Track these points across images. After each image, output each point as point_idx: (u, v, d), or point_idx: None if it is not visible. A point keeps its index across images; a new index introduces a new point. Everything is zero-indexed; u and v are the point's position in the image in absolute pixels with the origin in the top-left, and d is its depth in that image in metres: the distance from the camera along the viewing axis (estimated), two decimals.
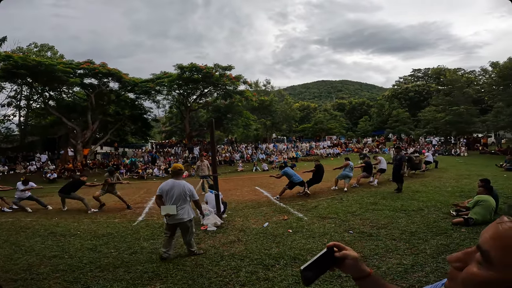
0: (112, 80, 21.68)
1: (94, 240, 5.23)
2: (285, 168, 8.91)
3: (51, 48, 26.58)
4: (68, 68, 18.93)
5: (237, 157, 24.63)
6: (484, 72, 29.12)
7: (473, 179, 9.77)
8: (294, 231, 5.25)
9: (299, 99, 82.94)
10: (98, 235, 5.57)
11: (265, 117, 33.93)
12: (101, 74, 20.46)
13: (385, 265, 3.43)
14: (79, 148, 20.68)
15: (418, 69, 52.60)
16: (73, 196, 8.05)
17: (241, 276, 3.57)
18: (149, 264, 4.08)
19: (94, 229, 6.01)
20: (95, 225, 6.40)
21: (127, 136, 28.36)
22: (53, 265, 4.10)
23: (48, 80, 18.90)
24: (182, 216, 4.19)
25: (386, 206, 6.72)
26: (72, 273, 3.86)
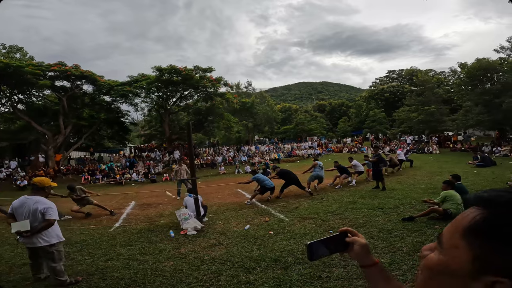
0: (86, 83, 20.87)
1: (67, 248, 4.96)
2: (256, 174, 8.83)
3: (20, 50, 25.32)
4: (38, 70, 17.98)
5: (219, 160, 24.43)
6: (453, 73, 30.77)
7: (444, 176, 10.20)
8: (276, 232, 5.26)
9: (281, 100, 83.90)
10: (71, 242, 5.32)
11: (247, 119, 33.89)
12: (74, 77, 19.60)
13: None
14: (51, 154, 19.68)
15: (392, 70, 54.62)
16: None
17: (222, 280, 3.52)
18: (125, 270, 3.94)
19: (67, 237, 5.67)
20: (68, 232, 6.09)
21: (103, 140, 27.39)
22: (23, 273, 3.90)
23: (17, 82, 17.95)
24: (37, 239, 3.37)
25: (364, 204, 6.90)
26: (43, 281, 3.67)
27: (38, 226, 3.33)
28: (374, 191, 8.57)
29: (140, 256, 4.44)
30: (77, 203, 7.80)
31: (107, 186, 16.91)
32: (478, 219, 0.46)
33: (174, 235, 5.42)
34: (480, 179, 9.19)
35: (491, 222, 0.45)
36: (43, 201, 3.45)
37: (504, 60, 22.82)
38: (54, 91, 20.42)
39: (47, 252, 3.45)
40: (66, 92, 20.24)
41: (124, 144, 28.25)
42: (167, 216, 7.12)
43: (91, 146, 26.20)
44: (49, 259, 3.47)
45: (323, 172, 9.88)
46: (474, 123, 22.76)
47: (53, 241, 3.46)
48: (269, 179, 8.67)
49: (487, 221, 0.45)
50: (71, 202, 8.14)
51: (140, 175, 19.05)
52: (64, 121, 20.33)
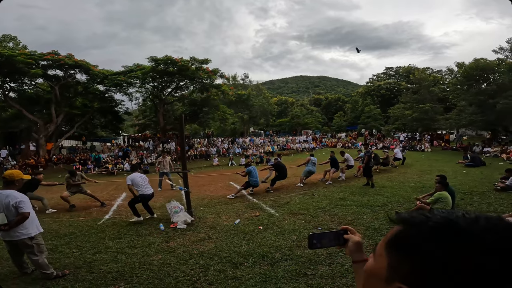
0: (80, 72, 20.68)
1: (55, 240, 4.99)
2: (250, 166, 8.91)
3: (14, 39, 25.08)
4: (30, 59, 17.86)
5: (213, 151, 24.41)
6: (450, 72, 30.93)
7: (434, 174, 10.25)
8: (265, 228, 5.32)
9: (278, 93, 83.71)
10: (60, 234, 5.31)
11: (243, 111, 33.79)
12: (67, 66, 19.44)
13: (348, 263, 3.57)
14: (42, 143, 19.49)
15: (390, 67, 54.84)
16: (31, 196, 7.56)
17: (209, 275, 3.57)
18: (113, 263, 3.96)
19: (56, 229, 5.72)
20: (57, 224, 6.09)
21: (96, 129, 27.18)
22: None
23: (9, 71, 17.79)
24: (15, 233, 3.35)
25: (354, 201, 7.00)
26: (29, 275, 3.67)
27: (13, 220, 3.32)
28: (364, 188, 8.70)
29: (129, 250, 4.46)
30: (70, 189, 7.75)
31: (98, 176, 16.76)
32: (395, 233, 0.54)
33: (164, 228, 5.45)
34: (468, 179, 9.34)
35: (401, 237, 0.52)
36: (14, 194, 3.39)
37: (502, 61, 22.98)
38: (46, 79, 20.24)
39: (27, 246, 3.43)
40: (58, 81, 20.09)
41: (117, 133, 28.03)
42: (158, 209, 7.12)
43: (83, 135, 26.04)
44: (30, 253, 3.47)
45: (315, 168, 10.14)
46: (466, 122, 23.03)
47: (33, 233, 3.46)
48: (257, 177, 8.68)
49: (399, 236, 0.53)
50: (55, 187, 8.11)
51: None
52: (56, 109, 20.16)
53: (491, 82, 22.67)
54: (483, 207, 5.73)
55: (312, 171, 10.04)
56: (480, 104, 21.57)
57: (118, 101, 24.55)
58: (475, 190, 7.49)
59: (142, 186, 5.96)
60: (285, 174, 9.28)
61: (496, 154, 17.07)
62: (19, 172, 3.67)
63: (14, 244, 3.49)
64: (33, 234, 3.46)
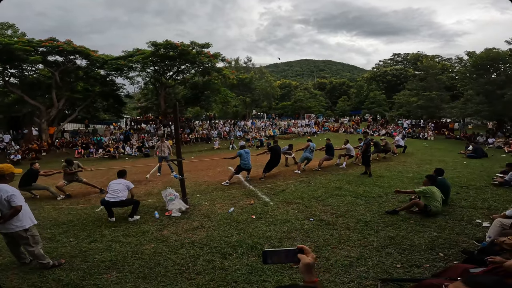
0: (80, 58, 20.80)
1: (54, 229, 5.11)
2: (242, 150, 8.84)
3: (12, 26, 25.16)
4: (28, 46, 17.95)
5: (214, 135, 24.44)
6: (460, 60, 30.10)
7: (434, 165, 10.34)
8: (258, 217, 5.39)
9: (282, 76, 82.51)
10: (59, 223, 5.43)
11: (245, 94, 33.54)
12: (66, 52, 19.52)
13: (334, 257, 3.63)
14: (44, 127, 19.75)
15: (398, 53, 53.52)
16: (36, 187, 7.67)
17: (198, 264, 3.67)
18: (107, 252, 4.07)
19: (55, 217, 5.84)
20: (57, 212, 6.22)
21: (98, 112, 27.47)
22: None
23: (8, 58, 17.99)
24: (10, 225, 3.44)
25: (349, 191, 7.02)
26: (28, 265, 3.78)
27: (7, 213, 3.40)
28: (362, 177, 8.70)
29: (123, 238, 4.56)
30: (66, 178, 7.84)
31: (100, 160, 16.99)
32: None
33: (159, 216, 5.54)
34: (467, 172, 9.25)
35: None
36: (5, 188, 3.44)
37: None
38: (47, 66, 20.41)
39: (22, 238, 3.54)
40: (58, 66, 20.27)
41: (120, 116, 28.22)
42: (155, 195, 7.23)
43: (86, 118, 26.30)
44: (26, 244, 3.57)
45: (312, 155, 10.17)
46: (472, 112, 22.65)
47: (27, 225, 3.55)
48: (248, 160, 8.60)
49: None
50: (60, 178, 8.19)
51: (134, 149, 19.09)
52: (57, 94, 20.35)
53: (501, 73, 22.07)
54: (478, 203, 5.70)
55: (310, 158, 10.08)
56: (488, 94, 21.12)
57: (119, 85, 24.71)
58: (473, 184, 7.44)
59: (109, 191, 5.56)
60: (277, 160, 9.25)
61: (499, 146, 16.84)
62: (10, 165, 3.69)
63: (10, 236, 3.59)
64: (27, 226, 3.55)
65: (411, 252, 3.64)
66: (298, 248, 1.09)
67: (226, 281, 3.24)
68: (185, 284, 3.25)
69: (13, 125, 22.13)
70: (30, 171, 7.61)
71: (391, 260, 3.45)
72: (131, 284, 3.27)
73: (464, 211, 5.21)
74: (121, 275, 3.47)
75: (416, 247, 3.77)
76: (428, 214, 4.96)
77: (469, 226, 4.51)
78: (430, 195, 5.04)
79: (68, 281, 3.40)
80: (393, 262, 3.40)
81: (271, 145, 9.53)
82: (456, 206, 5.53)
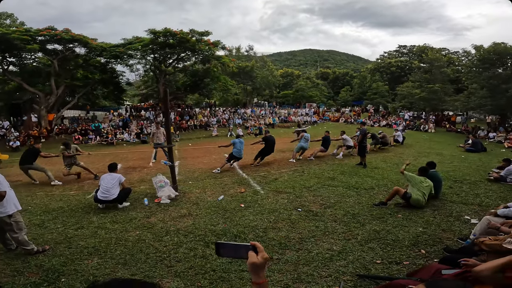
0: (79, 46, 20.91)
1: (43, 215, 5.12)
2: (237, 139, 8.90)
3: (10, 16, 25.42)
4: (26, 35, 18.06)
5: (214, 122, 24.38)
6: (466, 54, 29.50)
7: (431, 157, 10.22)
8: (246, 206, 5.37)
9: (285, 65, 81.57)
10: (49, 209, 5.44)
11: (245, 82, 33.31)
12: (65, 40, 19.67)
13: (316, 250, 3.60)
14: (43, 114, 19.92)
15: (404, 45, 52.31)
16: (36, 167, 7.70)
17: (180, 252, 3.66)
18: (91, 239, 4.07)
19: (46, 203, 5.86)
20: (48, 198, 6.23)
21: (99, 99, 27.67)
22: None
23: (6, 47, 18.26)
24: None
25: (342, 182, 6.97)
26: (14, 251, 3.80)
27: None
28: (356, 168, 8.65)
29: (110, 225, 4.56)
30: (65, 161, 7.86)
31: (98, 147, 17.01)
32: None
33: (148, 203, 5.54)
34: (464, 166, 9.15)
35: None
36: None
37: None
38: (46, 54, 20.61)
39: (6, 224, 3.54)
40: (57, 55, 20.42)
41: (119, 103, 28.28)
42: (148, 182, 7.21)
43: (87, 104, 26.57)
44: (10, 230, 3.58)
45: (308, 144, 10.13)
46: (475, 105, 22.37)
47: (10, 211, 3.53)
48: (241, 148, 8.64)
49: None
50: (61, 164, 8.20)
51: (132, 136, 19.07)
52: (57, 81, 20.49)
53: (507, 68, 21.63)
54: (469, 199, 5.63)
55: (305, 147, 10.06)
56: (492, 88, 20.82)
57: (119, 72, 24.79)
58: (467, 178, 7.35)
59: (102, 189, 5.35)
60: (270, 149, 9.21)
61: (500, 140, 16.66)
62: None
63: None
64: (10, 212, 3.54)
65: (394, 248, 3.59)
66: (251, 245, 1.02)
67: (204, 270, 3.23)
68: (163, 271, 3.25)
69: (13, 112, 22.43)
70: (31, 149, 7.73)
71: (372, 255, 3.41)
72: (110, 270, 3.27)
73: (454, 207, 5.15)
74: (102, 261, 3.48)
75: (400, 243, 3.73)
76: (409, 201, 4.94)
77: (457, 222, 4.44)
78: (415, 184, 5.06)
79: (49, 266, 3.40)
80: (373, 258, 3.36)
81: (265, 135, 9.47)
82: (446, 201, 5.47)
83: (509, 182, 6.81)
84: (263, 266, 1.00)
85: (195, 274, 3.17)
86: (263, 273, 1.00)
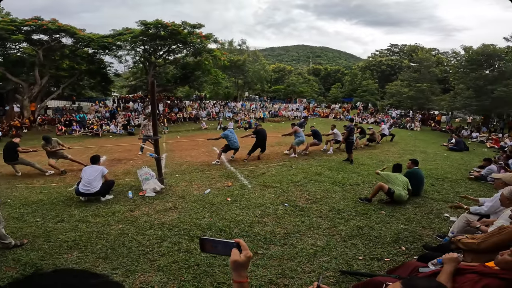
0: (66, 36, 20.28)
1: (23, 208, 4.94)
2: (226, 130, 8.82)
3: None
4: (10, 26, 17.54)
5: (203, 115, 24.17)
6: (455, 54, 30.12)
7: (415, 155, 10.49)
8: (233, 200, 5.34)
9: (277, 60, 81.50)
10: (29, 202, 5.26)
11: (237, 76, 33.14)
12: (51, 31, 19.04)
13: (301, 245, 3.62)
14: (26, 104, 19.35)
15: (395, 44, 53.10)
16: (22, 161, 7.41)
17: (164, 246, 3.61)
18: (72, 232, 3.97)
19: (26, 196, 5.66)
20: (29, 191, 6.02)
21: (85, 90, 26.96)
22: None
23: None
24: None
25: (328, 177, 7.03)
26: None
27: None
28: (343, 164, 8.73)
29: (92, 218, 4.45)
30: (50, 155, 7.58)
31: (83, 138, 16.57)
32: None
33: (132, 196, 5.44)
34: (446, 164, 9.39)
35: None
36: None
37: (511, 49, 22.31)
38: (31, 44, 20.01)
39: None
40: (42, 45, 19.84)
41: (107, 94, 27.62)
42: (133, 174, 7.07)
43: (73, 95, 25.82)
44: None
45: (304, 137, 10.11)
46: (460, 105, 22.91)
47: None
48: (236, 139, 8.64)
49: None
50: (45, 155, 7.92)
51: (119, 127, 18.68)
52: (41, 71, 19.95)
53: (494, 69, 22.17)
54: (450, 196, 5.79)
55: (302, 141, 9.97)
56: (478, 89, 21.33)
57: (107, 63, 24.13)
58: (449, 176, 7.55)
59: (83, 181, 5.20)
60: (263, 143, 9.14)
61: (482, 140, 17.18)
62: None
63: None
64: None
65: (376, 244, 3.65)
66: (235, 242, 1.01)
67: (188, 264, 3.20)
68: (146, 265, 3.20)
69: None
70: (9, 144, 7.39)
71: (355, 251, 3.46)
72: (90, 264, 3.21)
73: (435, 204, 5.29)
74: (82, 255, 3.40)
75: (381, 239, 3.79)
76: (393, 197, 5.07)
77: (437, 219, 4.56)
78: (392, 181, 5.22)
79: (27, 260, 3.31)
80: (356, 254, 3.41)
81: (257, 128, 9.38)
82: (428, 198, 5.60)
83: (489, 181, 7.03)
84: (246, 265, 0.98)
85: (178, 268, 3.14)
86: (245, 272, 0.99)
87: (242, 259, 0.97)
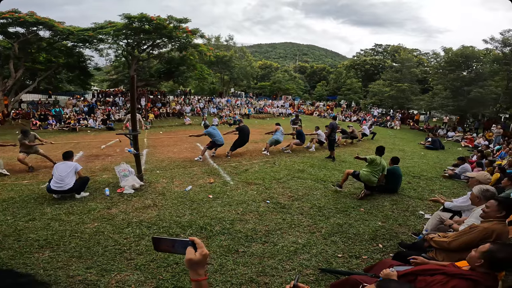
0: (43, 29, 19.30)
1: None
2: (209, 127, 8.81)
3: None
4: None
5: (187, 110, 23.80)
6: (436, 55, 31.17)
7: (394, 153, 10.74)
8: (215, 197, 5.29)
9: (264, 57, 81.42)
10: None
11: (223, 72, 32.80)
12: (28, 23, 18.06)
13: (282, 243, 3.64)
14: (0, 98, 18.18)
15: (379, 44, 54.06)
16: None
17: (142, 245, 3.53)
18: (43, 231, 3.79)
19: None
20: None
21: (62, 83, 26.00)
22: None
23: None
24: None
25: (311, 175, 7.11)
26: None
27: None
28: (325, 161, 8.86)
29: (65, 216, 4.27)
30: (23, 149, 7.16)
31: (59, 133, 15.86)
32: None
33: (110, 193, 5.26)
34: (422, 162, 9.74)
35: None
36: None
37: (489, 51, 23.18)
38: (6, 37, 19.00)
39: None
40: (18, 38, 18.87)
41: (86, 88, 26.59)
42: (111, 171, 6.84)
43: (49, 89, 24.77)
44: None
45: (282, 137, 10.17)
46: (437, 105, 23.73)
47: None
48: (220, 135, 8.62)
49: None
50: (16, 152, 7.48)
51: (98, 122, 18.03)
52: (16, 64, 19.00)
53: (472, 71, 23.01)
54: (425, 193, 6.01)
55: (279, 141, 10.07)
56: (455, 90, 22.11)
57: (87, 57, 23.13)
58: (425, 174, 7.83)
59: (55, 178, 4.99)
60: (245, 140, 9.16)
61: (457, 139, 17.93)
62: None
63: None
64: None
65: (354, 242, 3.73)
66: (190, 241, 0.99)
67: (167, 263, 3.14)
68: (123, 264, 3.11)
69: None
70: None
71: (334, 249, 3.52)
72: (63, 263, 3.08)
73: (411, 202, 5.47)
74: (54, 254, 3.26)
75: (360, 237, 3.88)
76: (358, 178, 5.62)
77: (412, 217, 4.71)
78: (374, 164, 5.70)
79: None
80: (335, 251, 3.47)
81: (240, 125, 9.35)
82: (405, 196, 5.79)
83: (463, 179, 7.36)
84: (203, 263, 0.98)
85: (157, 267, 3.07)
86: (202, 270, 0.98)
87: (198, 257, 0.96)
